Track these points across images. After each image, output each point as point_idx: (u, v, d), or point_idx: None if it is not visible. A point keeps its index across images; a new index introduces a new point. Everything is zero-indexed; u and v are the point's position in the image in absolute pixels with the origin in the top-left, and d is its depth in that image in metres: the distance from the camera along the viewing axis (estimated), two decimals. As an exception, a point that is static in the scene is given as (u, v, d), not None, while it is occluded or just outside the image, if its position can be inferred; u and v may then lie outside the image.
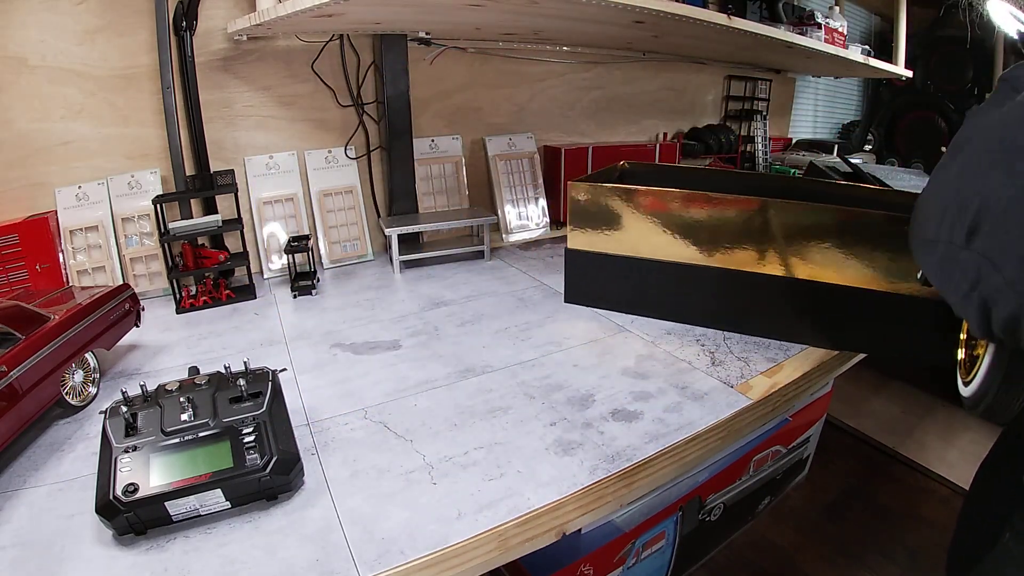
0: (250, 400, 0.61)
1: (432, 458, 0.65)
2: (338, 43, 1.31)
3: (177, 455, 0.55)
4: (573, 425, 0.72)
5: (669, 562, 1.19)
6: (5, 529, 0.55)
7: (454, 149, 1.54)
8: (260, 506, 0.57)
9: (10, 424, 0.61)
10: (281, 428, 0.60)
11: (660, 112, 2.01)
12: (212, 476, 0.54)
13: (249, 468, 0.55)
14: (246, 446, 0.56)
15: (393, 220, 1.39)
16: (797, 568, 1.35)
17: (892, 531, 1.45)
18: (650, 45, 1.69)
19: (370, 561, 0.51)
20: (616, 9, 0.96)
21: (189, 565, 0.50)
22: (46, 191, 1.12)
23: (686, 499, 1.13)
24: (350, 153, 1.40)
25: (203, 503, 0.54)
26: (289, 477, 0.57)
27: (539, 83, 1.67)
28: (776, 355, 0.91)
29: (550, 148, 1.69)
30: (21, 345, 0.66)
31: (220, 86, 1.22)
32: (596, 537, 0.97)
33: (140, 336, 0.97)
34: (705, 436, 0.72)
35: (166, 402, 0.60)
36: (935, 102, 2.41)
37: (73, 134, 1.12)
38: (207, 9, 1.16)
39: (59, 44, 1.06)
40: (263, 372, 0.66)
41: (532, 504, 0.58)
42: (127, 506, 0.51)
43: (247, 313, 1.10)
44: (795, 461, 1.49)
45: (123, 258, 1.17)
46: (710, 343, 0.96)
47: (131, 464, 0.54)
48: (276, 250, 1.31)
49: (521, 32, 1.41)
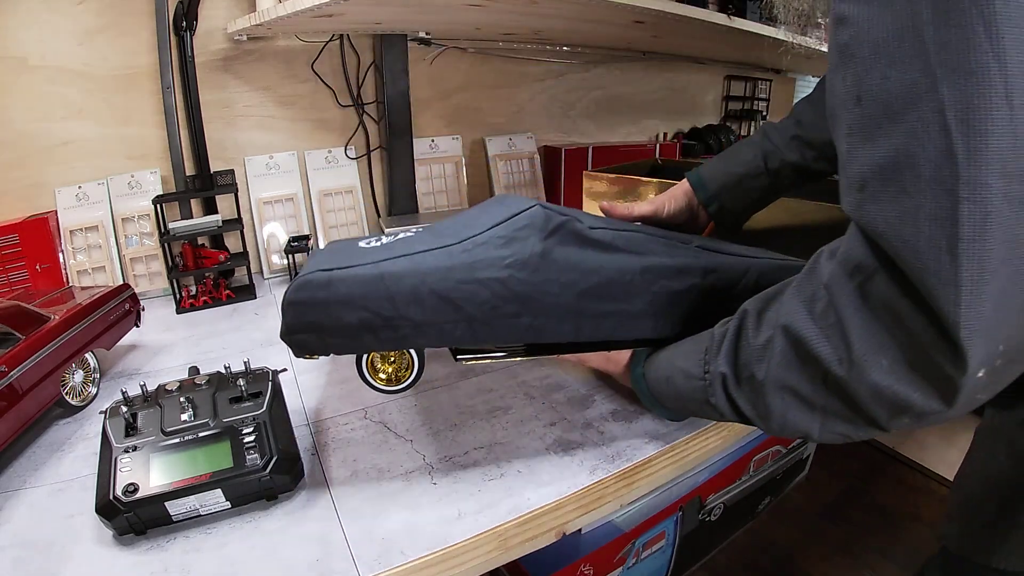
0: (250, 400, 0.61)
1: (432, 458, 0.65)
2: (338, 43, 1.31)
3: (177, 455, 0.55)
4: (573, 425, 0.72)
5: (669, 562, 1.19)
6: (5, 529, 0.55)
7: (454, 149, 1.54)
8: (260, 506, 0.57)
9: (10, 424, 0.61)
10: (281, 428, 0.60)
11: (660, 112, 2.01)
12: (212, 476, 0.54)
13: (249, 468, 0.55)
14: (246, 446, 0.56)
15: (393, 220, 1.39)
16: (797, 568, 1.35)
17: (892, 531, 1.45)
18: (650, 45, 1.69)
19: (370, 561, 0.51)
20: (616, 9, 0.96)
21: (189, 565, 0.50)
22: (46, 191, 1.12)
23: (686, 499, 1.13)
24: (350, 153, 1.40)
25: (203, 503, 0.54)
26: (289, 477, 0.57)
27: (539, 83, 1.67)
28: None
29: (550, 148, 1.69)
30: (21, 345, 0.66)
31: (220, 86, 1.22)
32: (596, 537, 0.97)
33: (140, 336, 0.97)
34: (705, 436, 0.71)
35: (166, 402, 0.60)
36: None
37: (73, 134, 1.12)
38: (207, 9, 1.16)
39: (59, 44, 1.06)
40: (263, 372, 0.66)
41: (532, 504, 0.58)
42: (127, 506, 0.51)
43: (247, 313, 1.10)
44: (795, 461, 1.49)
45: (123, 258, 1.17)
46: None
47: (131, 464, 0.54)
48: (276, 250, 1.31)
49: (521, 32, 1.41)
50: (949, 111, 0.30)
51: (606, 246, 0.60)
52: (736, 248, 0.71)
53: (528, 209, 0.58)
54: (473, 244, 0.57)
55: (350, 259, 0.56)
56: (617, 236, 0.61)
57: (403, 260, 0.55)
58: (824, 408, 0.43)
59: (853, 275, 0.38)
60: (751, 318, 0.49)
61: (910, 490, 1.60)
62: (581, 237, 0.59)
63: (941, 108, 0.31)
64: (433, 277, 0.54)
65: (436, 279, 0.53)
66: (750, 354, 0.48)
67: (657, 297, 0.62)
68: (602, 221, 0.64)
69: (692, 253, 0.66)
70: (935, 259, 0.32)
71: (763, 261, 0.69)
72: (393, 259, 0.55)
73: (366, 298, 0.53)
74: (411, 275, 0.53)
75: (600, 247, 0.60)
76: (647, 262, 0.61)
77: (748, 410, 0.50)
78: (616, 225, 0.64)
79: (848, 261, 0.39)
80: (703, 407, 0.56)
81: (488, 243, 0.57)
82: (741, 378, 0.50)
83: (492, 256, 0.55)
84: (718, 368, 0.52)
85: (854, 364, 0.38)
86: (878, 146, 0.34)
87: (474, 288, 0.54)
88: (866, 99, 0.35)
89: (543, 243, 0.57)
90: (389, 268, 0.54)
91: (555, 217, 0.58)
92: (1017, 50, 0.29)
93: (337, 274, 0.53)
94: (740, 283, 0.66)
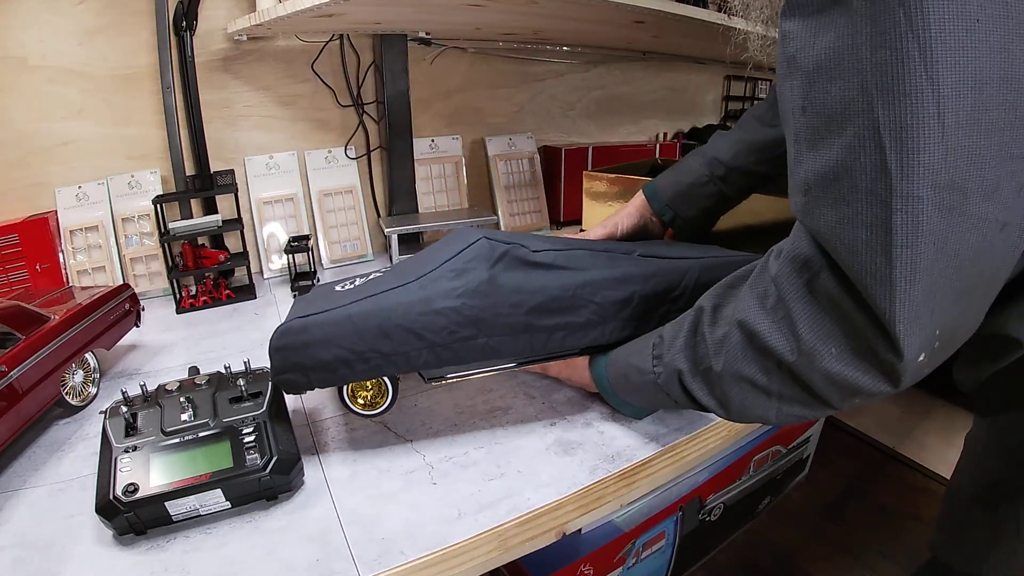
0: (250, 400, 0.61)
1: (432, 458, 0.65)
2: (338, 43, 1.31)
3: (177, 455, 0.55)
4: (573, 425, 0.72)
5: (669, 562, 1.19)
6: (5, 529, 0.55)
7: (454, 149, 1.54)
8: (260, 506, 0.57)
9: (10, 424, 0.61)
10: (281, 428, 0.60)
11: (660, 112, 2.01)
12: (212, 476, 0.53)
13: (249, 468, 0.55)
14: (246, 446, 0.56)
15: (393, 220, 1.39)
16: (797, 568, 1.35)
17: (892, 531, 1.45)
18: (650, 45, 1.69)
19: (370, 561, 0.51)
20: (616, 9, 0.96)
21: (189, 565, 0.50)
22: (46, 191, 1.12)
23: (686, 499, 1.13)
24: (350, 153, 1.40)
25: (203, 503, 0.54)
26: (289, 477, 0.57)
27: (539, 83, 1.67)
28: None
29: (550, 148, 1.69)
30: (21, 345, 0.66)
31: (220, 86, 1.22)
32: (596, 537, 0.97)
33: (140, 336, 0.97)
34: (705, 436, 0.72)
35: (166, 402, 0.60)
36: (935, 102, 2.42)
37: (73, 134, 1.12)
38: (207, 9, 1.16)
39: (59, 44, 1.06)
40: (263, 372, 0.66)
41: (532, 504, 0.58)
42: (127, 506, 0.51)
43: (247, 313, 1.10)
44: (795, 461, 1.50)
45: (123, 258, 1.17)
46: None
47: (131, 464, 0.54)
48: (276, 250, 1.31)
49: (521, 32, 1.41)
50: (884, 129, 0.32)
51: (548, 266, 0.66)
52: (678, 250, 0.77)
53: (474, 243, 0.65)
54: (428, 280, 0.63)
55: (324, 304, 0.63)
56: (559, 256, 0.67)
57: (368, 301, 0.62)
58: (780, 394, 0.46)
59: (801, 272, 0.41)
60: (707, 315, 0.52)
61: (910, 490, 1.60)
62: (524, 261, 0.65)
63: (876, 126, 0.32)
64: (396, 313, 0.60)
65: (399, 314, 0.60)
66: (707, 348, 0.51)
67: (601, 307, 0.67)
68: (547, 243, 0.69)
69: (633, 262, 0.71)
70: (871, 261, 0.34)
71: (704, 260, 0.74)
72: (360, 300, 0.62)
73: (339, 337, 0.60)
74: (377, 314, 0.60)
75: (543, 268, 0.66)
76: (588, 276, 0.67)
77: (706, 400, 0.53)
78: (560, 246, 0.69)
79: (796, 259, 0.41)
80: (660, 399, 0.60)
81: (441, 277, 0.63)
82: (698, 370, 0.53)
83: (445, 288, 0.62)
84: (674, 363, 0.55)
85: (803, 353, 0.41)
86: (820, 155, 0.37)
87: (432, 318, 0.61)
88: (809, 110, 0.37)
89: (489, 271, 0.63)
90: (356, 309, 0.61)
91: (499, 246, 0.65)
92: (951, 72, 0.30)
93: (312, 319, 0.60)
94: (680, 284, 0.71)
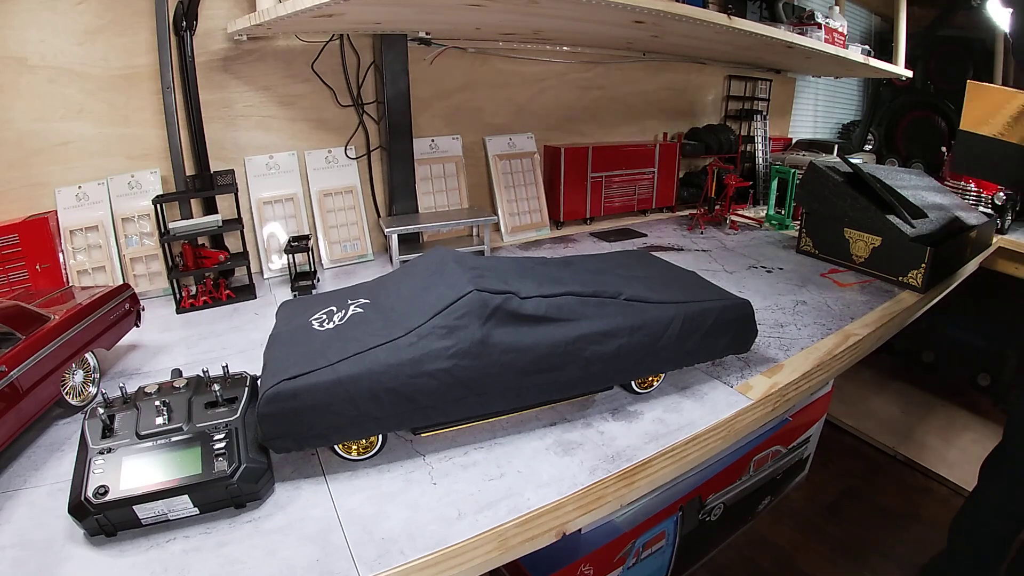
0: (225, 406, 0.61)
1: (432, 458, 0.65)
2: (338, 43, 1.31)
3: (148, 458, 0.55)
4: (573, 425, 0.72)
5: (669, 562, 1.19)
6: (5, 529, 0.55)
7: (454, 149, 1.54)
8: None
9: (10, 424, 0.61)
10: (253, 436, 0.59)
11: (660, 112, 2.01)
12: (180, 482, 0.53)
13: (217, 475, 0.54)
14: (216, 453, 0.56)
15: (393, 220, 1.39)
16: (797, 568, 1.35)
17: (892, 531, 1.45)
18: (650, 45, 1.69)
19: (370, 561, 0.51)
20: (616, 9, 0.96)
21: (189, 565, 0.50)
22: (46, 191, 1.12)
23: (686, 499, 1.13)
24: (350, 153, 1.40)
25: (171, 508, 0.53)
26: (257, 486, 0.56)
27: (539, 83, 1.67)
28: (776, 354, 0.91)
29: (550, 148, 1.69)
30: (21, 345, 0.66)
31: (220, 86, 1.22)
32: (596, 537, 0.97)
33: (140, 336, 0.97)
34: (705, 436, 0.72)
35: (143, 405, 0.60)
36: (935, 102, 2.41)
37: (73, 134, 1.12)
38: (207, 9, 1.16)
39: (59, 44, 1.06)
40: (241, 377, 0.65)
41: (532, 504, 0.58)
42: (97, 508, 0.51)
43: (247, 313, 1.10)
44: (795, 461, 1.49)
45: (123, 258, 1.17)
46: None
47: (104, 466, 0.54)
48: (276, 250, 1.31)
49: (521, 32, 1.41)
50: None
51: (539, 319, 0.68)
52: (663, 292, 0.79)
53: (466, 296, 0.66)
54: (418, 336, 0.64)
55: (307, 357, 0.62)
56: (550, 306, 0.69)
57: (356, 360, 0.61)
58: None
59: None
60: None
61: (910, 490, 1.60)
62: (516, 315, 0.67)
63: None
64: (386, 376, 0.61)
65: (389, 377, 0.61)
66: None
67: (588, 362, 0.70)
68: (534, 281, 0.71)
69: (620, 308, 0.73)
70: None
71: (689, 306, 0.77)
72: (348, 359, 0.61)
73: (331, 404, 0.59)
74: (366, 376, 0.60)
75: (533, 321, 0.68)
76: (577, 331, 0.69)
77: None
78: (547, 288, 0.71)
79: None
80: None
81: (431, 334, 0.64)
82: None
83: (436, 348, 0.63)
84: None
85: None
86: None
87: (424, 381, 0.62)
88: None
89: (482, 329, 0.64)
90: (346, 371, 0.60)
91: (491, 300, 0.66)
92: None
93: (302, 383, 0.59)
94: (664, 335, 0.74)
